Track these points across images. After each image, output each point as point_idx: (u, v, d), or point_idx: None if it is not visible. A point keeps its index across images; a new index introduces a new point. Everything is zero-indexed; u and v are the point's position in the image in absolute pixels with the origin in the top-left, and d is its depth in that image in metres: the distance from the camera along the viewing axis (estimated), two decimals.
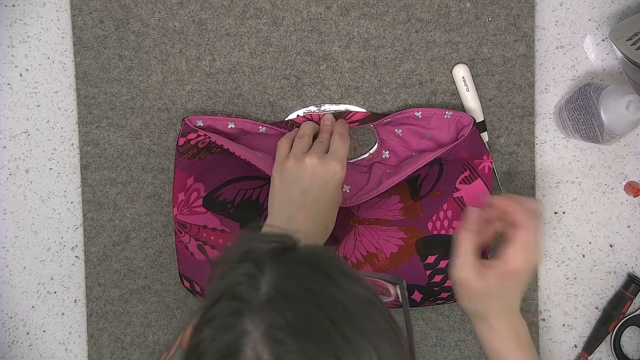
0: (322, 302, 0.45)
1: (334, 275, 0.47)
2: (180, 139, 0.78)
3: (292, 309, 0.45)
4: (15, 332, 0.83)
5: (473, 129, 0.76)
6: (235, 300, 0.46)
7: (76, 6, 0.79)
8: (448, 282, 0.78)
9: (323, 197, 0.72)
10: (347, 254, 0.78)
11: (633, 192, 0.81)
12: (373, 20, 0.80)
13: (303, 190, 0.72)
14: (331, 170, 0.73)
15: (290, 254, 0.49)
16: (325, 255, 0.50)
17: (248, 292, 0.46)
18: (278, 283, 0.46)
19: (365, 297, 0.48)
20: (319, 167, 0.73)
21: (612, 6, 0.81)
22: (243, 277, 0.47)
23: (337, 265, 0.49)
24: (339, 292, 0.46)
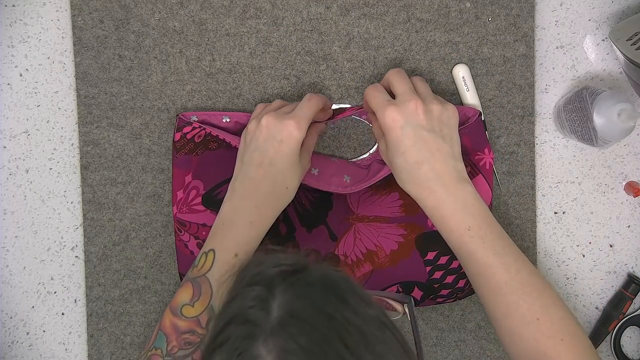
0: (336, 326, 0.44)
1: (348, 298, 0.47)
2: (176, 134, 0.78)
3: (306, 333, 0.44)
4: (15, 332, 0.83)
5: (478, 119, 0.77)
6: (247, 324, 0.45)
7: (76, 6, 0.79)
8: (448, 279, 0.78)
9: (280, 157, 0.71)
10: (347, 251, 0.78)
11: (633, 192, 0.81)
12: (373, 20, 0.80)
13: (258, 149, 0.71)
14: (286, 130, 0.70)
15: (302, 276, 0.48)
16: (337, 277, 0.49)
17: (259, 315, 0.45)
18: (290, 306, 0.45)
19: (378, 319, 0.47)
20: (273, 127, 0.71)
21: (612, 6, 0.81)
22: (254, 301, 0.46)
23: (350, 287, 0.48)
24: (353, 316, 0.46)
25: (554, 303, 0.68)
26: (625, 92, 0.81)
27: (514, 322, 0.68)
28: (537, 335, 0.67)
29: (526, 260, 0.70)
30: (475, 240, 0.69)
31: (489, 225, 0.69)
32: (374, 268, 0.78)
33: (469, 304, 0.83)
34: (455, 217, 0.69)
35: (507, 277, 0.68)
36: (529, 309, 0.67)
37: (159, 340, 0.70)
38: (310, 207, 0.79)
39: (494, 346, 0.84)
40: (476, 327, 0.84)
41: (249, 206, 0.71)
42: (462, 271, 0.78)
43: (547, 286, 0.69)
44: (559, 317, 0.68)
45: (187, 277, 0.71)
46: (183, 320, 0.69)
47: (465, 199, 0.69)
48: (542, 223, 0.83)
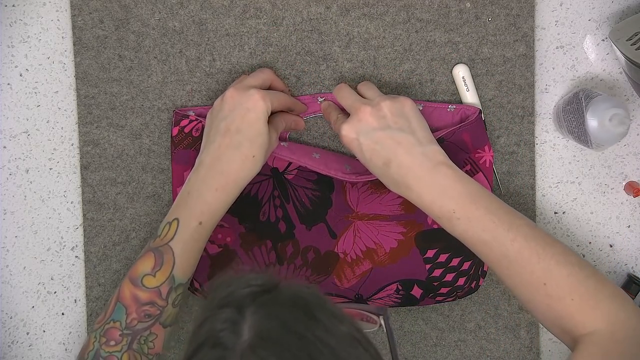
0: (307, 346, 0.44)
1: (319, 316, 0.46)
2: (173, 129, 0.78)
3: (277, 354, 0.43)
4: (15, 332, 0.83)
5: (478, 117, 0.77)
6: (218, 348, 0.45)
7: (76, 6, 0.79)
8: (448, 277, 0.78)
9: (246, 126, 0.71)
10: (347, 249, 0.78)
11: (633, 192, 0.81)
12: (373, 20, 0.80)
13: (225, 119, 0.72)
14: (252, 100, 0.71)
15: (272, 296, 0.48)
16: (308, 295, 0.48)
17: (230, 338, 0.45)
18: (260, 327, 0.45)
19: (351, 335, 0.46)
20: (238, 97, 0.72)
21: (612, 6, 0.81)
22: (225, 324, 0.46)
23: (321, 304, 0.47)
24: (324, 333, 0.45)
25: (556, 262, 0.67)
26: (619, 97, 0.81)
27: (525, 292, 0.68)
28: (548, 301, 0.67)
29: (521, 223, 0.69)
30: (463, 221, 0.68)
31: (473, 202, 0.69)
32: (374, 266, 0.78)
33: (469, 304, 0.83)
34: (437, 203, 0.69)
35: (503, 250, 0.68)
36: (532, 276, 0.67)
37: (118, 312, 0.69)
38: (309, 205, 0.79)
39: (494, 346, 0.84)
40: (476, 327, 0.84)
41: (215, 174, 0.71)
42: (462, 269, 0.78)
43: (548, 244, 0.68)
44: (565, 276, 0.67)
45: (148, 247, 0.71)
46: (144, 290, 0.69)
47: (443, 183, 0.69)
48: (542, 223, 0.83)
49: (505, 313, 0.84)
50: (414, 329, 0.84)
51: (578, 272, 0.67)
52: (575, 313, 0.66)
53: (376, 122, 0.71)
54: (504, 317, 0.84)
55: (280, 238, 0.78)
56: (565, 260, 0.67)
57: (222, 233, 0.78)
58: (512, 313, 0.83)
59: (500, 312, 0.84)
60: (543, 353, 0.84)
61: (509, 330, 0.84)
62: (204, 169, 0.71)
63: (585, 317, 0.66)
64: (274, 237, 0.78)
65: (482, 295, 0.83)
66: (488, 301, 0.83)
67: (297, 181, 0.79)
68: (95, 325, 0.71)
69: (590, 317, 0.65)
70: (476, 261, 0.79)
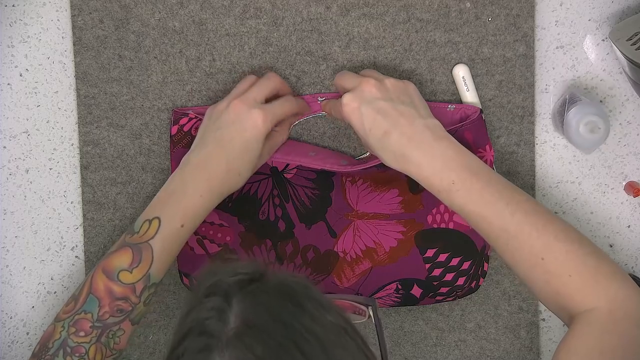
0: (293, 334, 0.44)
1: (306, 305, 0.46)
2: (172, 128, 0.78)
3: (262, 342, 0.44)
4: (15, 332, 0.83)
5: (479, 116, 0.77)
6: (203, 336, 0.45)
7: (76, 6, 0.80)
8: (447, 276, 0.78)
9: (240, 143, 0.71)
10: (346, 248, 0.78)
11: (633, 192, 0.81)
12: (373, 20, 0.80)
13: (221, 128, 0.72)
14: (252, 120, 0.71)
15: (259, 285, 0.48)
16: (295, 284, 0.48)
17: (216, 326, 0.45)
18: (247, 316, 0.45)
19: (338, 325, 0.47)
20: (242, 112, 0.72)
21: (612, 6, 0.81)
22: (211, 312, 0.46)
23: (309, 294, 0.48)
24: (311, 323, 0.45)
25: (556, 238, 0.67)
26: (617, 98, 0.82)
27: (523, 267, 0.67)
28: (546, 277, 0.66)
29: (522, 198, 0.68)
30: (462, 193, 0.68)
31: (474, 174, 0.68)
32: (374, 265, 0.78)
33: (469, 304, 0.83)
34: (438, 175, 0.69)
35: (502, 224, 0.67)
36: (530, 251, 0.66)
37: (90, 304, 0.69)
38: (309, 204, 0.79)
39: (494, 346, 0.84)
40: (476, 327, 0.84)
41: (201, 179, 0.71)
42: (462, 269, 0.78)
43: (549, 220, 0.67)
44: (564, 252, 0.66)
45: (125, 242, 0.70)
46: (119, 285, 0.69)
47: (444, 154, 0.69)
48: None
49: (505, 313, 0.83)
50: (414, 329, 0.84)
51: (578, 249, 0.66)
52: (574, 290, 0.65)
53: (379, 93, 0.71)
54: (504, 317, 0.84)
55: (279, 237, 0.78)
56: (565, 237, 0.67)
57: (222, 232, 0.78)
58: (512, 313, 0.83)
59: (500, 312, 0.83)
60: (543, 353, 0.84)
61: (509, 330, 0.84)
62: (190, 169, 0.72)
63: (583, 294, 0.65)
64: (274, 236, 0.79)
65: (482, 295, 0.83)
66: (488, 301, 0.83)
67: (296, 180, 0.79)
68: (61, 314, 0.70)
69: (589, 294, 0.65)
70: (476, 261, 0.79)
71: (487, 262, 0.80)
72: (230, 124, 0.72)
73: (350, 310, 0.64)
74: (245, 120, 0.72)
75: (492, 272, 0.83)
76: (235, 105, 0.72)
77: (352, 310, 0.64)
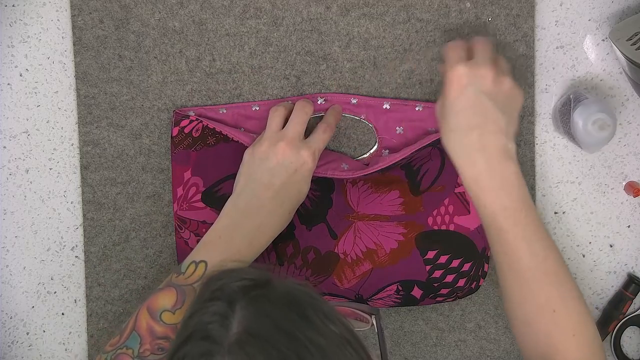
0: (296, 346, 0.44)
1: (310, 316, 0.46)
2: (173, 130, 0.78)
3: (264, 351, 0.43)
4: (15, 332, 0.83)
5: None
6: (205, 341, 0.45)
7: (76, 6, 0.79)
8: (448, 278, 0.78)
9: (291, 184, 0.72)
10: (347, 249, 0.78)
11: (633, 192, 0.81)
12: (373, 20, 0.80)
13: (270, 171, 0.72)
14: (301, 160, 0.73)
15: (264, 292, 0.48)
16: (301, 293, 0.48)
17: (219, 332, 0.45)
18: (250, 323, 0.45)
19: (342, 336, 0.46)
20: (289, 155, 0.72)
21: (612, 6, 0.81)
22: (214, 316, 0.46)
23: (314, 304, 0.47)
24: (314, 334, 0.45)
25: (572, 297, 0.68)
26: (617, 98, 0.82)
27: (530, 311, 0.68)
28: (551, 328, 0.67)
29: (556, 250, 0.69)
30: (508, 221, 0.68)
31: (526, 209, 0.69)
32: (374, 266, 0.78)
33: (469, 304, 0.83)
34: (493, 193, 0.68)
35: (531, 264, 0.68)
36: (547, 299, 0.67)
37: (132, 341, 0.69)
38: (310, 205, 0.79)
39: (494, 346, 0.84)
40: (476, 327, 0.84)
41: (251, 226, 0.71)
42: (462, 270, 0.78)
43: (570, 279, 0.69)
44: (576, 312, 0.67)
45: (171, 282, 0.70)
46: (161, 325, 0.69)
47: (507, 178, 0.69)
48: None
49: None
50: (414, 329, 0.84)
51: (587, 314, 0.68)
52: (572, 349, 0.66)
53: (491, 88, 0.69)
54: (504, 317, 0.84)
55: (280, 238, 0.78)
56: (579, 300, 0.68)
57: None
58: None
59: (500, 312, 0.83)
60: None
61: (509, 330, 0.84)
62: (239, 215, 0.71)
63: (579, 355, 0.67)
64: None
65: (482, 295, 0.83)
66: (488, 301, 0.83)
67: None
68: (107, 347, 0.71)
69: (584, 357, 0.67)
70: (477, 262, 0.79)
71: (488, 262, 0.80)
72: (278, 166, 0.72)
73: (353, 317, 0.64)
74: (295, 161, 0.72)
75: (492, 272, 0.83)
76: (281, 148, 0.73)
77: (355, 316, 0.64)
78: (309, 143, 0.74)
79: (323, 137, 0.75)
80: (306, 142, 0.74)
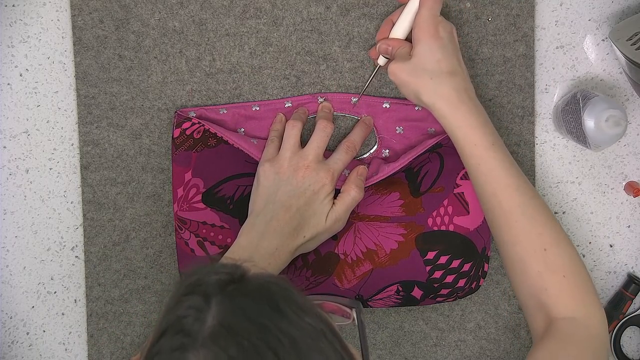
0: (268, 336, 0.45)
1: (283, 308, 0.46)
2: (175, 131, 0.78)
3: (237, 343, 0.44)
4: (15, 332, 0.83)
5: None
6: (180, 335, 0.45)
7: (76, 6, 0.79)
8: (448, 278, 0.78)
9: (309, 210, 0.73)
10: (347, 250, 0.78)
11: (633, 192, 0.81)
12: (373, 20, 0.80)
13: (289, 193, 0.73)
14: (320, 182, 0.74)
15: (239, 286, 0.48)
16: (275, 285, 0.49)
17: (193, 326, 0.45)
18: (223, 317, 0.45)
19: (316, 328, 0.47)
20: (309, 177, 0.74)
21: (612, 6, 0.81)
22: (189, 310, 0.46)
23: (288, 296, 0.48)
24: (287, 325, 0.46)
25: (563, 238, 0.69)
26: (619, 97, 0.82)
27: (522, 250, 0.68)
28: (542, 268, 0.67)
29: (539, 194, 0.71)
30: (498, 156, 0.69)
31: (504, 147, 0.71)
32: (374, 267, 0.78)
33: (469, 304, 0.83)
34: (482, 129, 0.69)
35: (522, 200, 0.68)
36: (538, 237, 0.68)
37: None
38: None
39: (494, 346, 0.84)
40: (476, 327, 0.84)
41: (270, 247, 0.71)
42: (462, 271, 0.78)
43: (557, 222, 0.70)
44: (567, 253, 0.68)
45: None
46: None
47: (486, 117, 0.71)
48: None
49: (505, 313, 0.84)
50: (414, 329, 0.84)
51: (577, 257, 0.68)
52: (562, 292, 0.67)
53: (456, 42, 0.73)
54: (504, 317, 0.84)
55: None
56: (569, 242, 0.69)
57: (223, 234, 0.78)
58: (512, 313, 0.84)
59: (500, 312, 0.84)
60: None
61: (509, 330, 0.84)
62: (257, 236, 0.72)
63: (569, 299, 0.67)
64: None
65: (482, 295, 0.83)
66: (488, 301, 0.83)
67: None
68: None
69: (573, 302, 0.67)
70: (477, 262, 0.79)
71: (487, 262, 0.80)
72: (298, 187, 0.73)
73: (339, 313, 0.65)
74: (314, 184, 0.74)
75: (492, 272, 0.83)
76: (302, 170, 0.74)
77: (340, 313, 0.64)
78: (328, 164, 0.75)
79: (344, 158, 0.76)
80: (326, 164, 0.75)
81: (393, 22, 0.77)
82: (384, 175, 0.78)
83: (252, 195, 0.76)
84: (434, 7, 0.72)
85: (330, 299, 0.67)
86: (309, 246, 0.75)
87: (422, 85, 0.71)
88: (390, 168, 0.78)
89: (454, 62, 0.71)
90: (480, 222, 0.77)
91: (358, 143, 0.78)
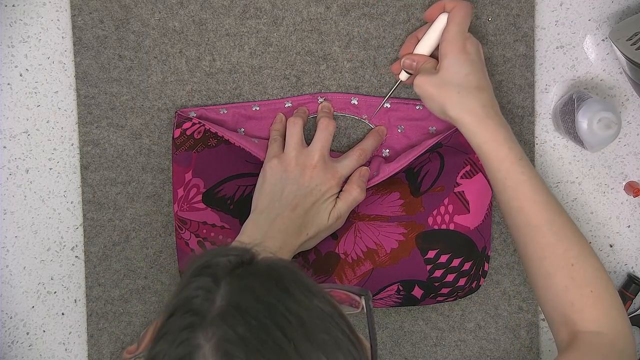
0: (276, 316, 0.45)
1: (292, 289, 0.47)
2: (175, 131, 0.78)
3: (245, 322, 0.45)
4: (15, 332, 0.83)
5: None
6: (189, 314, 0.46)
7: (76, 6, 0.79)
8: (449, 277, 0.78)
9: (315, 207, 0.74)
10: (347, 250, 0.78)
11: (633, 192, 0.81)
12: (373, 20, 0.80)
13: (297, 191, 0.73)
14: (328, 184, 0.74)
15: (248, 267, 0.49)
16: (284, 268, 0.49)
17: (202, 305, 0.46)
18: (232, 297, 0.46)
19: (324, 310, 0.47)
20: (317, 178, 0.74)
21: (612, 6, 0.81)
22: (199, 291, 0.47)
23: (296, 279, 0.48)
24: (295, 306, 0.46)
25: (590, 253, 0.69)
26: (617, 98, 0.82)
27: (549, 265, 0.68)
28: (568, 282, 0.67)
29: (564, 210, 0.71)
30: (525, 171, 0.69)
31: (530, 162, 0.71)
32: (375, 266, 0.78)
33: (469, 304, 0.83)
34: (509, 144, 0.70)
35: (549, 217, 0.69)
36: (565, 253, 0.68)
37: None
38: None
39: (494, 346, 0.84)
40: (476, 327, 0.84)
41: (273, 246, 0.71)
42: (463, 270, 0.78)
43: (584, 237, 0.70)
44: (594, 268, 0.68)
45: None
46: None
47: (511, 132, 0.71)
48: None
49: (505, 313, 0.84)
50: (414, 329, 0.84)
51: (604, 271, 0.69)
52: (588, 306, 0.67)
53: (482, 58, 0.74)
54: (504, 317, 0.84)
55: None
56: (596, 257, 0.69)
57: (223, 234, 0.78)
58: (512, 313, 0.84)
59: (500, 312, 0.84)
60: (543, 353, 0.84)
61: (509, 330, 0.84)
62: (259, 234, 0.72)
63: (594, 314, 0.66)
64: None
65: (482, 295, 0.83)
66: (488, 301, 0.83)
67: None
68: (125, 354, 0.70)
69: (599, 316, 0.67)
70: (477, 261, 0.79)
71: (488, 262, 0.80)
72: (305, 187, 0.74)
73: (347, 303, 0.65)
74: (321, 184, 0.74)
75: (492, 272, 0.83)
76: (309, 170, 0.74)
77: (349, 302, 0.65)
78: (335, 168, 0.76)
79: (353, 165, 0.77)
80: (333, 167, 0.76)
81: (418, 39, 0.77)
82: (385, 176, 0.78)
83: (255, 192, 0.77)
84: (463, 23, 0.72)
85: (339, 286, 0.67)
86: (309, 244, 0.75)
87: (449, 98, 0.71)
88: (391, 169, 0.78)
89: (481, 78, 0.72)
90: (481, 221, 0.77)
91: (369, 152, 0.79)
